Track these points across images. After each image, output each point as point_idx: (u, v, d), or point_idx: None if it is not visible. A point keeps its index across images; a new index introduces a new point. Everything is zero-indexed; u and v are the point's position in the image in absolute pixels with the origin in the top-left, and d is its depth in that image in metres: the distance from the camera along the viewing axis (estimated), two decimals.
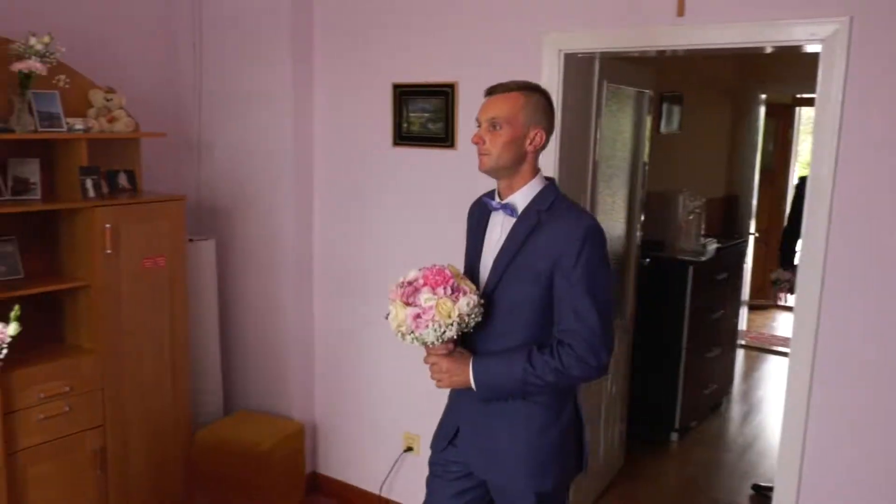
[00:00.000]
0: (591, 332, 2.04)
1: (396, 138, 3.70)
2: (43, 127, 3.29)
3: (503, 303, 2.16)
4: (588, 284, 2.05)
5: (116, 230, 3.38)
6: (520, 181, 2.19)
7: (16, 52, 3.16)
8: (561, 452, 2.22)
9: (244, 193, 4.08)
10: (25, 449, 3.14)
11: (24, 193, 3.34)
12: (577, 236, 2.06)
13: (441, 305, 2.04)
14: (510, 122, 2.12)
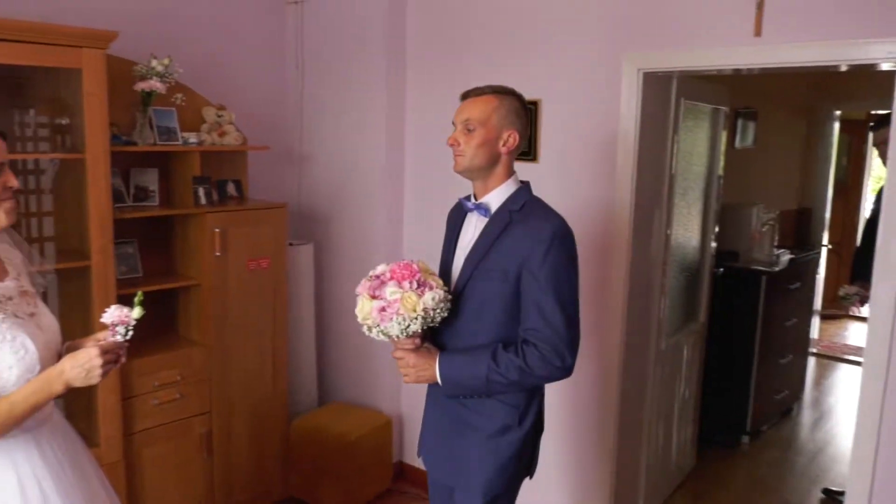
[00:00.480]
0: (556, 332, 1.94)
1: None
2: (161, 140, 3.36)
3: (472, 301, 2.06)
4: (554, 285, 1.95)
5: (225, 234, 3.43)
6: (494, 182, 2.10)
7: (139, 73, 3.24)
8: (517, 456, 2.11)
9: (340, 201, 4.10)
10: (141, 431, 3.21)
11: (144, 200, 3.43)
12: (544, 237, 1.96)
13: (406, 299, 1.93)
14: (483, 124, 2.04)
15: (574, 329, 1.98)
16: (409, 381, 2.09)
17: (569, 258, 1.99)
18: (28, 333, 1.72)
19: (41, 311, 1.84)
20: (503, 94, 2.08)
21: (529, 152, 3.45)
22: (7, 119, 3.01)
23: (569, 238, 2.01)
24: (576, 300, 2.01)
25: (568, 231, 2.02)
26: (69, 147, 3.02)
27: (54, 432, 1.84)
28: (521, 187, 2.13)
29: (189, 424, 3.39)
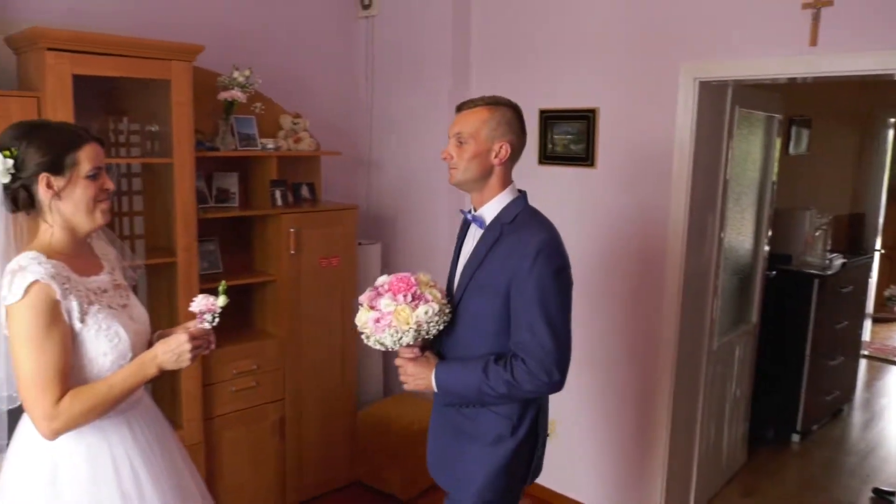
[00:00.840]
0: (542, 347, 1.82)
1: (542, 157, 3.61)
2: (242, 146, 3.42)
3: (468, 313, 1.96)
4: (540, 299, 1.82)
5: (299, 234, 3.47)
6: (488, 194, 1.99)
7: (222, 83, 3.30)
8: (512, 465, 1.98)
9: (406, 203, 4.11)
10: (220, 416, 3.27)
11: (225, 202, 3.49)
12: (529, 251, 1.84)
13: (399, 312, 1.87)
14: (474, 137, 1.93)
15: (561, 344, 1.86)
16: (408, 388, 2.01)
17: (555, 272, 1.85)
18: (121, 323, 1.76)
19: (133, 302, 1.88)
20: (495, 106, 1.97)
21: (587, 158, 3.40)
22: (103, 126, 3.10)
23: (555, 251, 1.87)
24: (564, 314, 1.88)
25: (555, 244, 1.88)
26: (158, 152, 3.09)
27: (144, 414, 1.87)
28: (516, 198, 2.00)
29: (264, 411, 3.44)
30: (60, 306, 1.65)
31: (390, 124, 4.15)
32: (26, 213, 1.74)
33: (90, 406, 1.65)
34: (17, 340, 1.62)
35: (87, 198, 1.73)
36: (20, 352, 1.62)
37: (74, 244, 1.78)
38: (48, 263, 1.66)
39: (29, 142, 1.68)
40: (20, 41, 2.73)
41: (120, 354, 1.74)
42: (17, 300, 1.60)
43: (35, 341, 1.61)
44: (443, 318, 1.92)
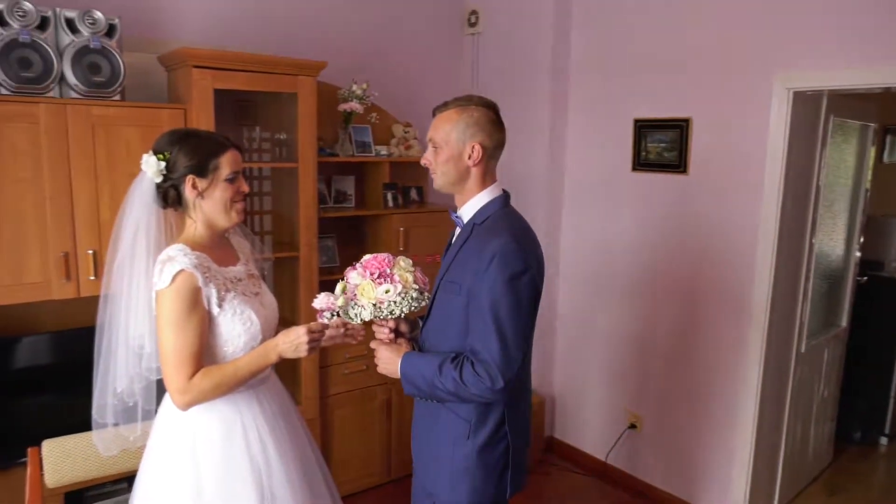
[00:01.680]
0: (490, 353, 1.65)
1: (635, 164, 3.47)
2: (358, 152, 3.45)
3: (439, 309, 1.81)
4: (491, 304, 1.65)
5: (407, 232, 3.47)
6: (467, 195, 1.82)
7: (342, 96, 3.34)
8: (475, 470, 1.78)
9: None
10: (334, 395, 3.31)
11: (342, 202, 3.54)
12: (486, 255, 1.67)
13: (363, 287, 1.76)
14: (446, 141, 1.78)
15: (508, 352, 1.65)
16: (380, 371, 1.85)
17: (509, 278, 1.65)
18: (253, 309, 1.79)
19: (263, 291, 1.92)
20: (465, 108, 1.79)
21: (679, 165, 3.25)
22: (239, 135, 3.19)
23: (513, 256, 1.66)
24: (515, 322, 1.66)
25: (512, 249, 1.67)
26: (285, 157, 3.16)
27: (271, 391, 1.90)
28: (493, 199, 1.82)
29: (372, 392, 3.46)
30: (201, 293, 1.70)
31: None
32: (174, 209, 1.80)
33: (217, 384, 1.70)
34: (163, 322, 1.67)
35: (225, 198, 1.77)
36: (164, 332, 1.67)
37: (214, 238, 1.83)
38: (192, 254, 1.71)
39: (180, 147, 1.74)
40: (171, 60, 2.85)
41: (251, 337, 1.78)
42: (166, 286, 1.66)
43: (177, 324, 1.66)
44: (408, 301, 1.77)
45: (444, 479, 1.81)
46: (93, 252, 2.57)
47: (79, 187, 2.53)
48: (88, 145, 2.53)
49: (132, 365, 1.79)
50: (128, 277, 1.75)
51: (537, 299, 1.74)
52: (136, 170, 1.77)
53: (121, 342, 1.77)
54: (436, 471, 1.83)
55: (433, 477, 1.85)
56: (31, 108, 2.41)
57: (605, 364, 3.77)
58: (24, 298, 2.49)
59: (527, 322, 1.70)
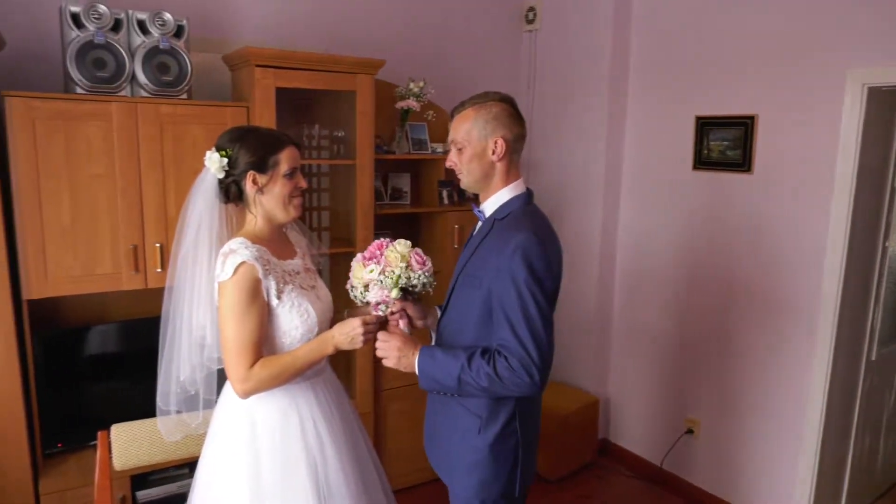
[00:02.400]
0: (523, 347, 1.65)
1: (696, 163, 3.42)
2: (414, 150, 3.50)
3: (457, 302, 1.82)
4: (519, 300, 1.66)
5: (462, 230, 3.50)
6: (491, 190, 1.83)
7: (399, 94, 3.39)
8: (485, 464, 1.79)
9: (563, 202, 4.04)
10: (388, 389, 3.37)
11: (398, 199, 3.60)
12: (508, 249, 1.67)
13: (354, 270, 1.84)
14: (467, 141, 1.79)
15: (541, 345, 1.67)
16: (388, 364, 1.82)
17: (533, 272, 1.66)
18: (310, 301, 1.86)
19: (319, 284, 1.98)
20: (481, 104, 1.80)
21: (743, 163, 3.18)
22: (298, 132, 3.28)
23: (533, 250, 1.67)
24: (542, 316, 1.67)
25: (533, 243, 1.68)
26: (343, 155, 3.23)
27: (327, 383, 1.97)
28: (516, 196, 1.82)
29: None
30: (261, 284, 1.76)
31: (549, 128, 4.10)
32: (235, 204, 1.88)
33: (276, 373, 1.76)
34: (225, 312, 1.75)
35: (283, 193, 1.84)
36: (226, 323, 1.75)
37: (273, 232, 1.90)
38: (253, 247, 1.78)
39: (241, 144, 1.82)
40: (234, 59, 2.95)
41: (308, 329, 1.84)
42: (228, 278, 1.73)
43: (239, 314, 1.73)
44: (391, 279, 1.79)
45: (455, 473, 1.84)
46: (160, 245, 2.69)
47: (147, 183, 2.66)
48: (156, 142, 2.65)
49: (194, 354, 1.87)
50: (191, 269, 1.83)
51: (556, 296, 1.77)
52: (201, 166, 1.85)
53: (184, 332, 1.86)
54: (449, 465, 1.87)
55: (447, 470, 1.88)
56: (104, 106, 2.55)
57: (661, 366, 3.73)
58: (96, 289, 2.63)
59: (551, 317, 1.72)
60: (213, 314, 1.85)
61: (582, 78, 3.84)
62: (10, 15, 2.73)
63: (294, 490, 1.80)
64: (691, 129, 3.41)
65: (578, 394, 3.93)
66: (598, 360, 3.98)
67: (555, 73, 4.02)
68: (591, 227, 3.89)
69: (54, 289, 2.57)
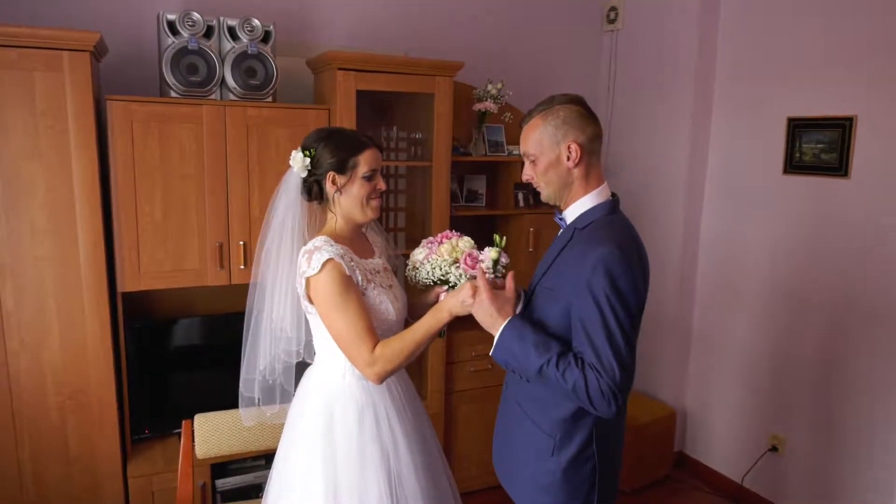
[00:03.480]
0: (610, 369, 1.57)
1: (787, 167, 3.31)
2: (491, 152, 3.54)
3: (533, 313, 1.76)
4: (601, 316, 1.58)
5: (538, 233, 3.52)
6: (573, 198, 1.76)
7: (477, 95, 3.44)
8: (559, 488, 1.72)
9: (643, 205, 3.99)
10: (458, 391, 3.42)
11: (473, 201, 3.64)
12: (589, 263, 1.60)
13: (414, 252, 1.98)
14: (539, 151, 1.73)
15: (625, 368, 1.59)
16: (470, 310, 1.76)
17: (613, 289, 1.59)
18: (389, 299, 1.93)
19: (395, 284, 2.04)
20: (548, 110, 1.74)
21: (840, 167, 3.06)
22: (377, 134, 3.37)
23: (616, 266, 1.59)
24: (626, 336, 1.60)
25: (617, 257, 1.60)
26: (420, 156, 3.30)
27: (400, 381, 2.03)
28: (599, 205, 1.75)
29: (496, 391, 3.49)
30: (351, 279, 1.83)
31: (629, 132, 4.06)
32: (318, 203, 1.96)
33: (399, 347, 1.79)
34: (326, 308, 1.81)
35: (361, 194, 1.90)
36: (331, 317, 1.81)
37: (353, 232, 1.98)
38: (337, 246, 1.85)
39: (325, 145, 1.90)
40: (317, 63, 3.07)
41: (388, 327, 1.91)
42: (316, 273, 1.80)
43: (340, 304, 1.79)
44: (428, 270, 1.90)
45: (526, 493, 1.79)
46: (243, 244, 2.84)
47: (233, 183, 2.80)
48: (243, 144, 2.79)
49: (274, 346, 1.97)
50: (273, 264, 1.92)
51: (641, 312, 1.69)
52: (284, 168, 1.95)
53: (265, 324, 1.96)
54: (520, 484, 1.82)
55: (517, 489, 1.84)
56: (195, 109, 2.71)
57: (743, 379, 3.62)
58: (183, 283, 2.80)
59: (633, 338, 1.65)
60: (292, 308, 1.94)
61: (665, 78, 3.79)
62: (112, 23, 2.94)
63: (367, 483, 1.87)
64: (782, 131, 3.31)
65: (655, 404, 3.88)
66: (676, 369, 3.91)
67: (636, 74, 3.98)
68: (671, 231, 3.83)
69: (146, 282, 2.74)
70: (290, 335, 1.97)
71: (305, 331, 1.99)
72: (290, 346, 1.98)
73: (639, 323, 1.69)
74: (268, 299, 1.94)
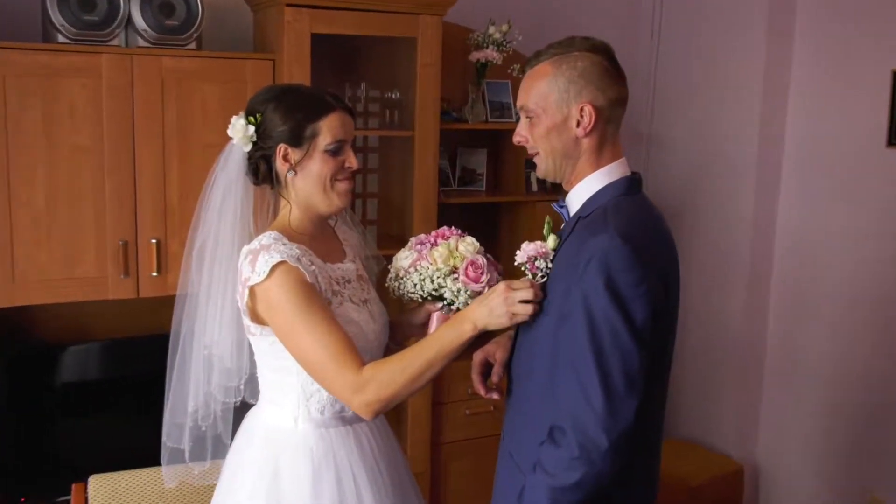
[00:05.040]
0: (587, 400, 1.55)
1: (893, 137, 3.37)
2: (493, 118, 3.55)
3: (523, 335, 1.79)
4: (590, 336, 1.55)
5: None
6: (576, 177, 1.75)
7: (475, 41, 3.43)
8: None
9: (694, 193, 4.03)
10: (450, 442, 3.44)
11: (470, 184, 3.66)
12: (583, 259, 1.58)
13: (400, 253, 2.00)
14: (543, 108, 1.71)
15: (616, 412, 1.54)
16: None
17: (610, 293, 1.56)
18: (363, 321, 1.92)
19: (373, 298, 2.04)
20: (563, 57, 1.71)
21: None
22: (339, 93, 3.33)
23: (615, 260, 1.57)
24: (626, 363, 1.56)
25: (617, 249, 1.58)
26: (397, 124, 3.31)
27: (374, 430, 2.03)
28: (612, 183, 1.73)
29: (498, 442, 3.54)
30: (313, 287, 1.82)
31: (678, 93, 4.09)
32: (270, 187, 1.96)
33: (400, 369, 1.74)
34: (284, 325, 1.80)
35: (324, 175, 1.88)
36: (294, 335, 1.79)
37: (314, 226, 1.97)
38: (292, 246, 1.84)
39: (275, 107, 1.89)
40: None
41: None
42: (262, 280, 1.79)
43: (302, 316, 1.77)
44: (415, 282, 1.90)
45: None
46: (157, 242, 2.85)
47: (143, 159, 2.82)
48: (156, 106, 2.81)
49: (207, 380, 1.97)
50: (208, 270, 1.93)
51: (661, 323, 1.66)
52: (213, 138, 1.97)
53: (196, 351, 1.96)
54: None
55: None
56: (92, 59, 2.72)
57: (835, 422, 3.66)
58: (75, 296, 2.81)
59: (640, 354, 1.59)
60: (233, 329, 1.95)
61: (728, 24, 3.83)
62: None
63: None
64: (887, 90, 3.36)
65: (713, 458, 3.93)
66: (743, 410, 3.94)
67: (690, 18, 4.01)
68: (736, 227, 3.87)
69: (24, 296, 2.75)
70: (230, 366, 1.98)
71: (249, 360, 1.99)
72: (230, 381, 1.99)
73: (662, 340, 1.68)
74: (200, 317, 1.95)
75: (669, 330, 1.75)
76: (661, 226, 1.76)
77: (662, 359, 1.73)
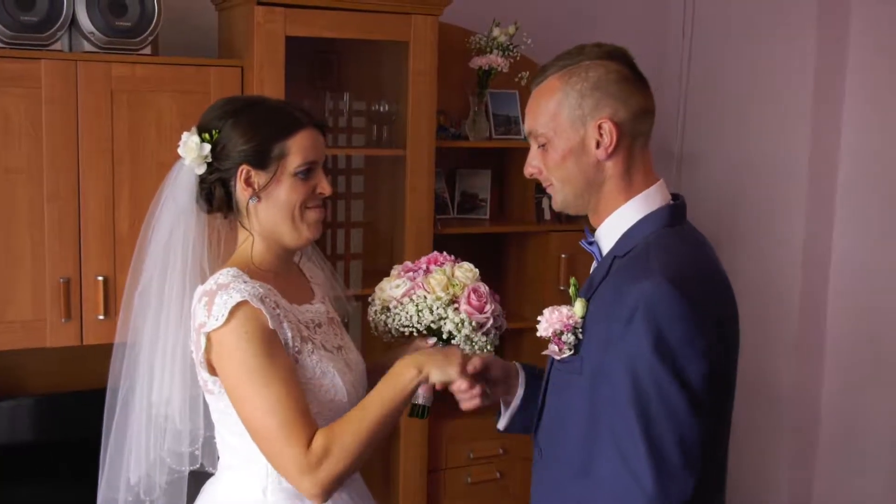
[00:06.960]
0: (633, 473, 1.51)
1: None
2: (498, 134, 3.55)
3: (552, 400, 1.77)
4: (635, 400, 1.52)
5: (573, 261, 3.48)
6: (607, 207, 1.72)
7: (476, 45, 3.45)
8: None
9: (733, 219, 4.02)
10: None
11: (471, 211, 3.65)
12: (625, 308, 1.55)
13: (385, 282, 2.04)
14: (553, 130, 1.69)
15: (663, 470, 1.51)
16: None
17: (659, 351, 1.52)
18: (338, 370, 1.91)
19: (347, 344, 2.04)
20: (572, 68, 1.69)
21: None
22: (318, 105, 3.34)
23: (664, 311, 1.54)
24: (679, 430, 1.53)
25: (667, 297, 1.54)
26: (386, 141, 3.32)
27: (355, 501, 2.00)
28: (651, 214, 1.71)
29: None
30: (276, 335, 1.81)
31: (714, 101, 4.10)
32: (223, 216, 1.96)
33: (352, 438, 1.76)
34: (235, 380, 1.78)
35: (292, 201, 1.88)
36: (243, 394, 1.78)
37: (280, 261, 1.97)
38: (253, 283, 1.83)
39: (235, 123, 1.88)
40: None
41: (334, 415, 1.85)
42: (220, 325, 1.78)
43: (258, 372, 1.76)
44: (411, 313, 1.91)
45: None
46: (104, 279, 2.84)
47: (89, 182, 2.81)
48: (105, 120, 2.81)
49: (154, 445, 1.95)
50: (154, 313, 1.92)
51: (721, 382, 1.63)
52: (168, 158, 1.95)
53: (138, 410, 1.94)
54: None
55: None
56: (29, 66, 2.73)
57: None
58: (8, 344, 2.79)
59: (697, 421, 1.55)
60: (183, 385, 1.93)
61: (772, 21, 3.85)
62: None
63: None
64: None
65: None
66: (795, 476, 3.92)
67: (726, 16, 4.03)
68: (783, 259, 3.86)
69: None
70: (181, 427, 1.95)
71: (205, 420, 1.97)
72: (181, 446, 1.97)
73: (722, 396, 1.65)
74: (144, 370, 1.93)
75: (730, 389, 1.71)
76: (714, 264, 1.74)
77: (722, 424, 1.68)
